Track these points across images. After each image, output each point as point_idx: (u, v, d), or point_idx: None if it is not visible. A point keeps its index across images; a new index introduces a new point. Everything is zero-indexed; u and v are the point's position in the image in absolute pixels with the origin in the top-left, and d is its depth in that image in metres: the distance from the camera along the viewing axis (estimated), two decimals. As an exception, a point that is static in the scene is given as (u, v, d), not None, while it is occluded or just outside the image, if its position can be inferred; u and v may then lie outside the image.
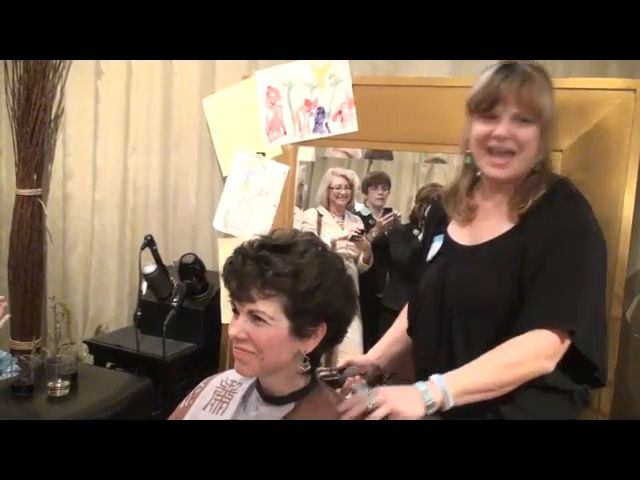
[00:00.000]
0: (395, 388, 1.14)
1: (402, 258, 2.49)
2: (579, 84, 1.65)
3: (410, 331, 1.45)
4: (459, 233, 1.35)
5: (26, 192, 2.76)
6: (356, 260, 2.56)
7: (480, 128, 1.24)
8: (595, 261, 1.21)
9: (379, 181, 2.75)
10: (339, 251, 2.49)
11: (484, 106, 1.23)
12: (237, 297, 1.05)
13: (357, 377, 1.38)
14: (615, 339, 1.57)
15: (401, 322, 1.51)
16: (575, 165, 1.63)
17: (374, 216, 2.69)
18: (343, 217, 2.66)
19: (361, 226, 2.63)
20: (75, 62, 2.71)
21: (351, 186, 2.66)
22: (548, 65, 1.29)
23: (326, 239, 2.42)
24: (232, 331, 1.05)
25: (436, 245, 1.37)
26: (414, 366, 1.40)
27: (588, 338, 1.17)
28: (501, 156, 1.23)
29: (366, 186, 2.81)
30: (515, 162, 1.23)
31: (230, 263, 1.06)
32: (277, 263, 1.01)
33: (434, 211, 1.47)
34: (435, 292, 1.30)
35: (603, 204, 1.58)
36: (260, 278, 1.01)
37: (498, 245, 1.25)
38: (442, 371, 1.16)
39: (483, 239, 1.28)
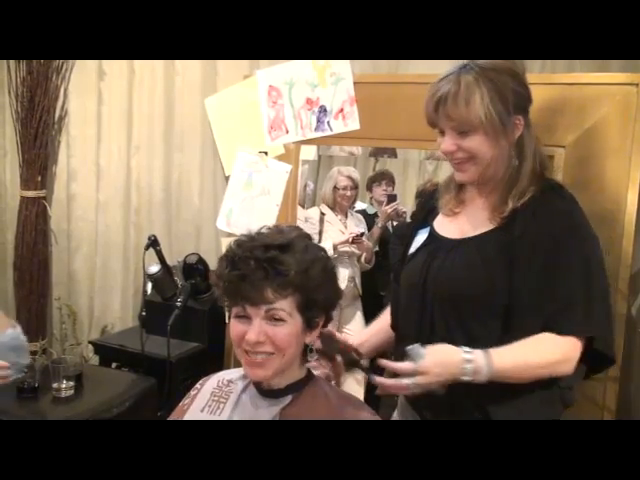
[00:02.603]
0: (440, 362, 1.12)
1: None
2: (581, 79, 1.65)
3: (393, 326, 1.43)
4: (445, 227, 1.33)
5: (30, 194, 2.78)
6: (358, 259, 2.57)
7: (439, 141, 1.26)
8: (597, 256, 1.21)
9: (383, 177, 2.77)
10: (343, 249, 2.51)
11: (432, 127, 1.26)
12: (251, 301, 1.04)
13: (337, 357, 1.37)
14: (620, 335, 1.56)
15: (388, 313, 1.49)
16: (577, 161, 1.63)
17: (379, 214, 2.70)
18: (346, 215, 2.66)
19: (362, 228, 2.64)
20: (78, 63, 2.72)
21: (356, 187, 2.67)
22: (548, 62, 1.28)
23: (328, 243, 2.44)
24: (251, 337, 1.03)
25: (420, 238, 1.36)
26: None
27: (608, 337, 1.20)
28: (460, 163, 1.25)
29: (370, 183, 2.82)
30: (472, 166, 1.24)
31: (237, 269, 1.03)
32: (290, 262, 1.04)
33: (425, 201, 1.46)
34: (417, 284, 1.28)
35: (606, 200, 1.58)
36: (277, 278, 1.02)
37: (483, 240, 1.24)
38: None
39: (468, 234, 1.27)
